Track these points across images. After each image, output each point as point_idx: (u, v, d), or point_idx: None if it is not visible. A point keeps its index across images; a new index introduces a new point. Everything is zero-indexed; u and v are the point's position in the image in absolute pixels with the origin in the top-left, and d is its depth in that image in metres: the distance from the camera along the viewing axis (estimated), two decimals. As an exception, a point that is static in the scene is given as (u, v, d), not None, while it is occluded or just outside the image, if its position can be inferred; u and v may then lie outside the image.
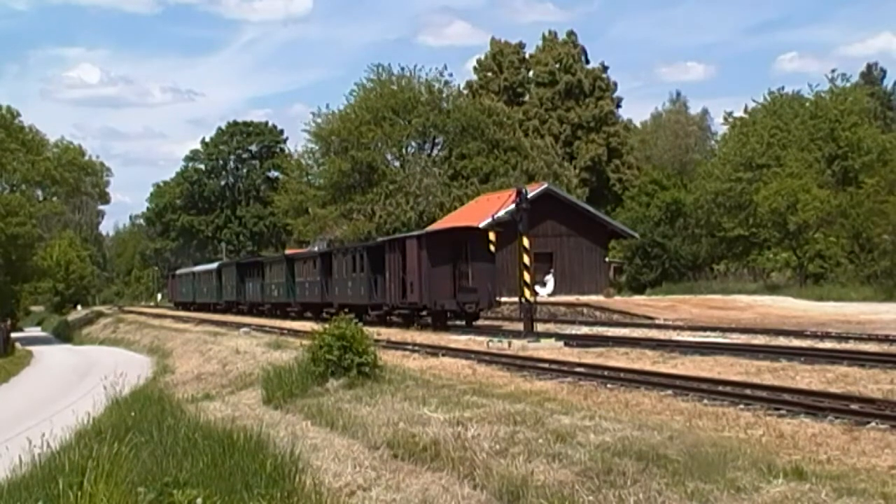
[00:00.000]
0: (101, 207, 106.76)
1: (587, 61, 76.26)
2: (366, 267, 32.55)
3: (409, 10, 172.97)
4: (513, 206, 24.30)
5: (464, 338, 24.11)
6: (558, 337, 22.33)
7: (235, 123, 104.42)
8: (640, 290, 50.94)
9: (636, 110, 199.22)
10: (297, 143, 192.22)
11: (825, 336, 20.43)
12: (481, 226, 33.92)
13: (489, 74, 76.59)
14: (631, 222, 53.70)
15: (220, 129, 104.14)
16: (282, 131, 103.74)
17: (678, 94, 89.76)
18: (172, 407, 16.59)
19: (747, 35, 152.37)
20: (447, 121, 60.29)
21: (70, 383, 29.05)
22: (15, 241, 55.97)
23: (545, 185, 48.73)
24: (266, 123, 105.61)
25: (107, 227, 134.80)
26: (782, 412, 10.50)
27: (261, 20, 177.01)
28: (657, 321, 29.48)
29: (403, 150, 62.23)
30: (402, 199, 57.11)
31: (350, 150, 58.69)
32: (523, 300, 22.84)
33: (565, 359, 17.54)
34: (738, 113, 56.32)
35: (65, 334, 66.89)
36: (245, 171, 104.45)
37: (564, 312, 35.67)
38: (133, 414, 15.07)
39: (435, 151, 63.17)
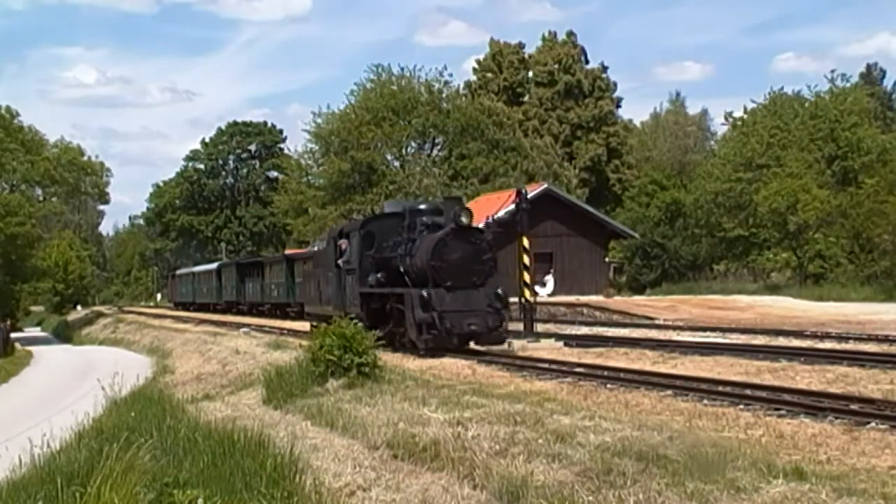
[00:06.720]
0: (100, 207, 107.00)
1: (587, 61, 76.26)
2: (366, 267, 32.46)
3: (407, 9, 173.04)
4: (512, 206, 24.30)
5: (464, 338, 24.01)
6: (558, 337, 22.29)
7: (235, 123, 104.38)
8: (639, 290, 50.93)
9: (636, 110, 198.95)
10: (296, 142, 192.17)
11: (825, 336, 20.39)
12: (481, 226, 33.85)
13: (489, 75, 76.57)
14: (631, 222, 53.68)
15: (219, 128, 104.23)
16: (281, 131, 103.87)
17: (677, 94, 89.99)
18: (172, 407, 16.56)
19: (745, 35, 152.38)
20: (447, 121, 60.25)
21: (70, 383, 29.00)
22: (14, 241, 55.90)
23: (545, 186, 48.67)
24: (265, 123, 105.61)
25: (106, 228, 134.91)
26: (782, 412, 10.49)
27: (259, 20, 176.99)
28: (657, 321, 29.42)
29: (403, 151, 62.20)
30: (401, 199, 57.04)
31: (350, 151, 58.66)
32: (523, 300, 22.83)
33: (565, 359, 17.50)
34: (738, 113, 56.43)
35: (64, 334, 66.82)
36: (245, 171, 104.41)
37: (564, 312, 35.63)
38: (133, 414, 15.05)
39: (435, 152, 63.15)
